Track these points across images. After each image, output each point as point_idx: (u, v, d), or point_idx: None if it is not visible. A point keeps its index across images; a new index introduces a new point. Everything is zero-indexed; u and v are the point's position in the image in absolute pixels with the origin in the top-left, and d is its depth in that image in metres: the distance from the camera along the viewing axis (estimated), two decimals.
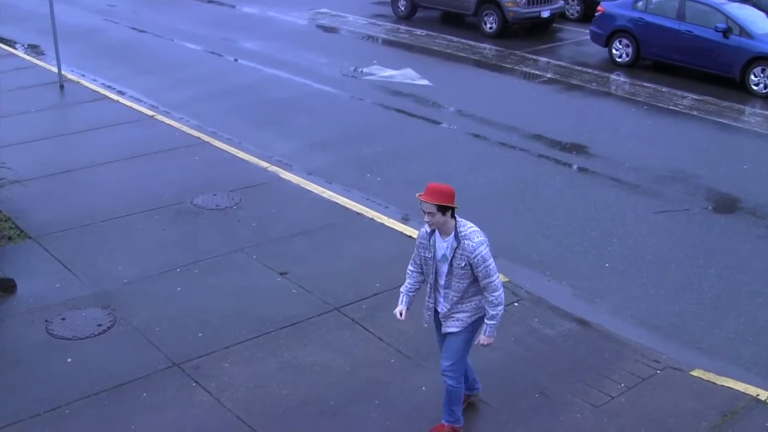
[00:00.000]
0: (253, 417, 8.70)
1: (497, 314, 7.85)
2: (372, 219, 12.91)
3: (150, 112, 18.23)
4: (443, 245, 7.85)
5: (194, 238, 12.37)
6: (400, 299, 8.31)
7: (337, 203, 13.47)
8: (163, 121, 17.61)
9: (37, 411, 8.91)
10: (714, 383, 9.34)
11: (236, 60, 22.89)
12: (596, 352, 9.78)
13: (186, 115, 18.26)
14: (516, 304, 10.72)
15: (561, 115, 18.10)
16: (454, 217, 7.81)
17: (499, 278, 7.80)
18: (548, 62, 22.47)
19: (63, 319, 10.52)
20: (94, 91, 19.98)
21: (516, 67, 21.94)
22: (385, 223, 12.76)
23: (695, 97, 19.62)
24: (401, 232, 12.47)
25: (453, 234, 7.79)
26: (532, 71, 21.57)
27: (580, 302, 11.05)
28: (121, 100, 19.24)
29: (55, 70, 20.49)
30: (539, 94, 19.65)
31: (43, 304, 10.88)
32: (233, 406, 8.86)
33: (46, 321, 10.49)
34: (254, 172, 14.82)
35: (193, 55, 23.44)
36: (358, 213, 13.12)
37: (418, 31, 26.12)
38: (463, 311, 8.00)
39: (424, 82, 20.50)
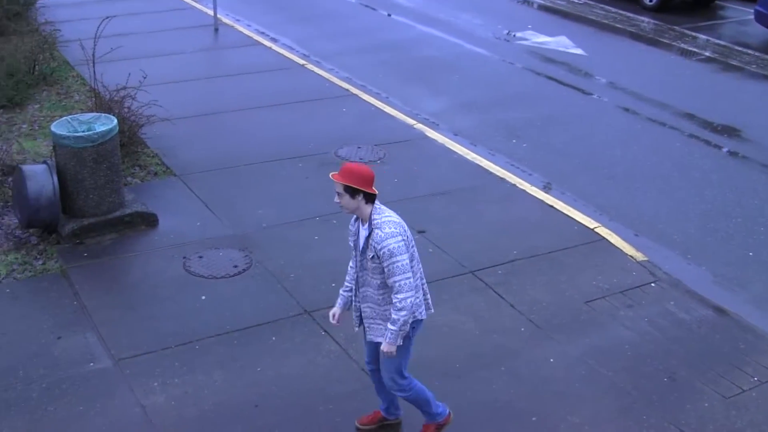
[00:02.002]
0: None
1: (399, 320, 6.97)
2: (514, 185, 12.79)
3: (301, 61, 18.39)
4: (363, 233, 7.12)
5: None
6: (337, 300, 7.70)
7: (481, 166, 13.39)
8: (313, 71, 17.76)
9: (169, 344, 9.15)
10: None
11: (389, 15, 22.89)
12: (731, 342, 9.52)
13: (336, 66, 18.36)
14: (653, 284, 10.51)
15: (716, 96, 17.60)
16: (372, 204, 7.02)
17: (409, 280, 6.91)
18: (707, 40, 21.86)
19: (200, 257, 10.73)
20: (248, 36, 20.25)
21: (673, 43, 21.40)
22: (528, 191, 12.63)
23: None
24: (542, 201, 12.33)
25: (368, 222, 7.03)
26: (690, 48, 21.01)
27: (719, 289, 10.75)
28: (274, 47, 19.45)
29: (211, 13, 20.83)
30: (695, 73, 19.14)
31: (183, 240, 11.12)
32: (359, 359, 8.91)
33: (184, 257, 10.73)
34: (400, 128, 14.84)
35: (348, 7, 23.52)
36: (500, 178, 13.02)
37: None
38: (385, 317, 7.23)
39: (578, 51, 20.18)
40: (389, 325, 7.05)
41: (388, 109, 15.69)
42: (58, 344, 9.10)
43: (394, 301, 6.97)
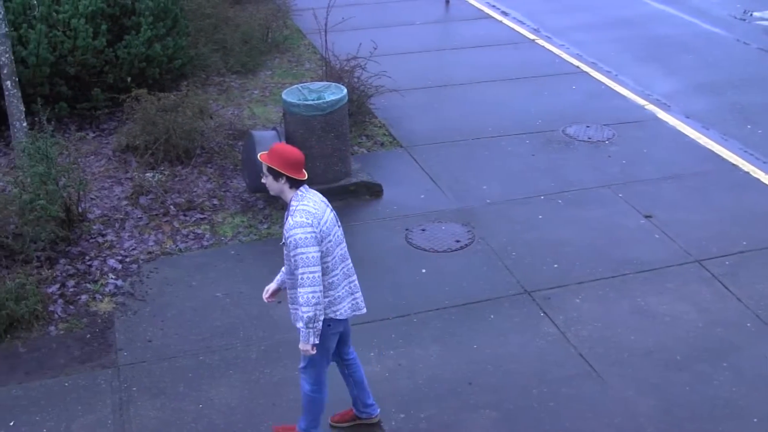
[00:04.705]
0: (596, 357, 8.56)
1: (304, 317, 6.56)
2: (747, 173, 12.27)
3: (531, 36, 18.20)
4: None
5: (562, 168, 12.28)
6: (278, 275, 7.30)
7: (712, 151, 12.91)
8: (543, 46, 17.55)
9: (387, 315, 9.23)
10: None
11: None
12: None
13: (567, 42, 18.06)
14: None
15: None
16: (296, 189, 6.65)
17: (313, 274, 6.51)
18: None
19: (423, 230, 10.76)
20: (479, 9, 20.20)
21: None
22: (761, 179, 12.08)
23: None
24: None
25: (288, 206, 6.72)
26: None
27: None
28: (504, 20, 19.33)
29: None
30: None
31: (406, 212, 11.19)
32: (578, 343, 8.76)
33: (406, 229, 10.78)
34: (630, 108, 14.49)
35: None
36: (733, 164, 12.51)
37: None
38: (295, 301, 6.89)
39: None
40: (298, 323, 6.73)
41: (618, 88, 15.33)
42: (278, 308, 9.28)
43: (298, 295, 6.60)
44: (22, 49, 12.63)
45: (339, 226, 6.90)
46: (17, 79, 11.38)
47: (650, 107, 14.52)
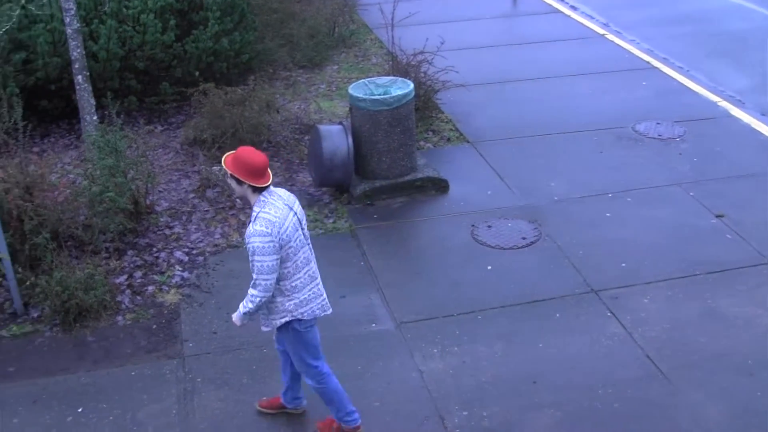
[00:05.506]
0: (663, 359, 8.41)
1: (245, 308, 6.89)
2: None
3: (601, 31, 18.00)
4: None
5: (631, 165, 12.11)
6: None
7: None
8: (613, 41, 17.34)
9: (451, 311, 9.17)
10: None
11: None
12: None
13: (637, 37, 17.83)
14: None
15: None
16: (259, 193, 6.76)
17: (266, 282, 6.72)
18: None
19: (489, 226, 10.68)
20: (548, 4, 20.05)
21: None
22: None
23: None
24: None
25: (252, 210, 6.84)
26: None
27: None
28: (573, 15, 19.15)
29: None
30: None
31: (472, 208, 11.12)
32: (645, 344, 8.62)
33: (472, 225, 10.71)
34: (702, 105, 14.25)
35: None
36: None
37: None
38: (266, 307, 7.05)
39: None
40: (240, 305, 6.97)
41: (690, 84, 15.09)
42: (342, 303, 9.28)
43: (249, 291, 6.86)
44: (93, 44, 12.78)
45: (303, 228, 7.00)
46: (88, 73, 11.51)
47: (723, 104, 14.27)
